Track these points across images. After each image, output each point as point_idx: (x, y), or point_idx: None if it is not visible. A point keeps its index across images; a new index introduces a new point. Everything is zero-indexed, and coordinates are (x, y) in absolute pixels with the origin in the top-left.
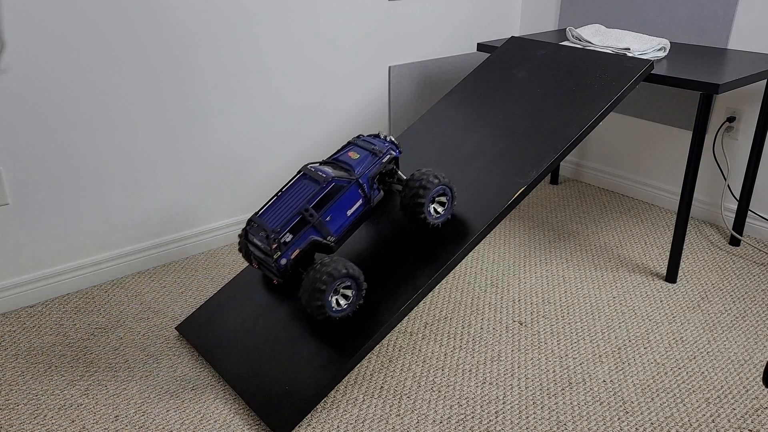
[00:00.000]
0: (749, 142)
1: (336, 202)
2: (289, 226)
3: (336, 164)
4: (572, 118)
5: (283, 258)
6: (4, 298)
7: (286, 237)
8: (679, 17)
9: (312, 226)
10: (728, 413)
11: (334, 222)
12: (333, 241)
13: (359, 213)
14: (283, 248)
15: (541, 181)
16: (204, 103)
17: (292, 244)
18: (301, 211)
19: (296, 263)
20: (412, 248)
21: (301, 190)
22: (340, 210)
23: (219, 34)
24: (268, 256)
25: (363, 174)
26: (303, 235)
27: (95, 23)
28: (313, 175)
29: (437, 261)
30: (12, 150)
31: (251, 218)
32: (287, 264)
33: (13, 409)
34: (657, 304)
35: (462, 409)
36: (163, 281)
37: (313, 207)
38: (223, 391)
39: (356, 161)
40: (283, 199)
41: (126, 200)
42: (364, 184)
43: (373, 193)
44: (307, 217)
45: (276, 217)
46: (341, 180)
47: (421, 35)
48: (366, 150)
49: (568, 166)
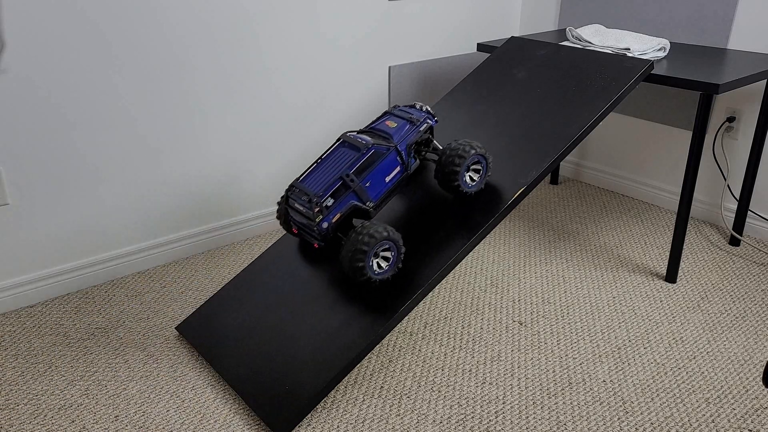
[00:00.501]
0: (749, 142)
1: (375, 169)
2: (331, 191)
3: (373, 133)
4: (572, 118)
5: (324, 221)
6: (4, 298)
7: (327, 201)
8: (679, 17)
9: (352, 191)
10: (728, 413)
11: (373, 188)
12: (372, 207)
13: (397, 180)
14: (324, 212)
15: (541, 181)
16: (204, 103)
17: (333, 208)
18: (342, 176)
19: (337, 227)
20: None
21: (341, 156)
22: (379, 176)
23: (219, 34)
24: (310, 219)
25: (401, 141)
26: (344, 200)
27: (95, 23)
28: (352, 142)
29: (437, 261)
30: (12, 150)
31: (292, 184)
32: (328, 227)
33: (13, 409)
34: (657, 304)
35: (462, 409)
36: (163, 281)
37: (353, 173)
38: (223, 391)
39: (394, 129)
40: (324, 165)
41: (126, 200)
42: (402, 152)
43: (410, 160)
44: (347, 182)
45: (317, 182)
46: (381, 147)
47: (421, 35)
48: (403, 119)
49: (568, 166)
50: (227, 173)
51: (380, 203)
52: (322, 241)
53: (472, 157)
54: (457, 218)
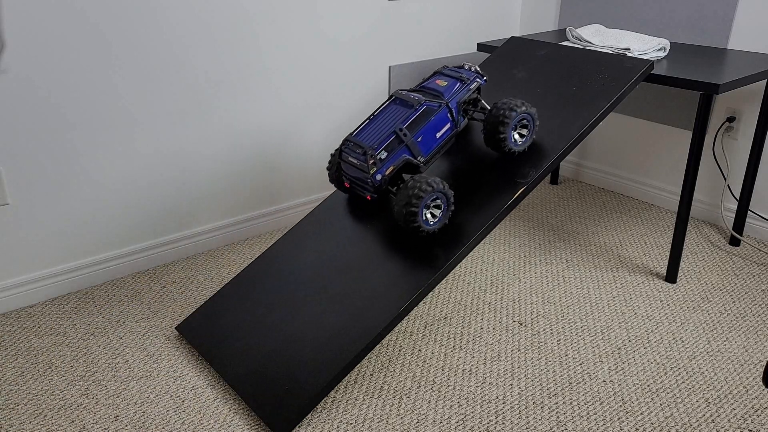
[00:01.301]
0: (749, 142)
1: (427, 124)
2: (384, 144)
3: (424, 91)
4: (572, 118)
5: (378, 174)
6: (4, 298)
7: (381, 154)
8: (679, 17)
9: (405, 146)
10: (728, 413)
11: (424, 143)
12: (422, 162)
13: (447, 136)
14: (378, 164)
15: (541, 181)
16: (203, 102)
17: (386, 161)
18: (396, 130)
19: (389, 180)
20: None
21: (393, 112)
22: (431, 132)
23: (219, 34)
24: (365, 172)
25: (452, 99)
26: (396, 154)
27: (95, 23)
28: (405, 99)
29: (436, 262)
30: (12, 150)
31: (347, 138)
32: (382, 179)
33: (13, 409)
34: (657, 304)
35: (462, 409)
36: (163, 281)
37: (405, 128)
38: (223, 391)
39: (444, 87)
40: (377, 121)
41: (126, 200)
42: (453, 109)
43: (459, 118)
44: (401, 137)
45: (371, 136)
46: (432, 104)
47: (421, 35)
48: (453, 78)
49: (568, 166)
50: (227, 173)
51: (430, 159)
52: (375, 193)
53: (519, 116)
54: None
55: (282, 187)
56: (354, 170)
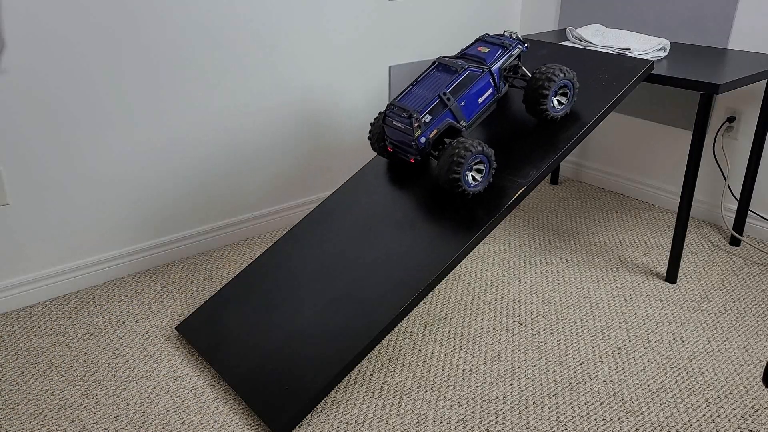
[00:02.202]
0: (749, 142)
1: (469, 89)
2: (429, 108)
3: (466, 57)
4: (572, 118)
5: (422, 137)
6: (4, 298)
7: (425, 117)
8: (679, 17)
9: (448, 110)
10: (728, 413)
11: (467, 108)
12: (465, 126)
13: (489, 101)
14: (423, 127)
15: (541, 181)
16: (204, 102)
17: (430, 124)
18: (440, 94)
19: (432, 143)
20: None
21: (437, 78)
22: (473, 97)
23: (219, 34)
24: (409, 135)
25: (494, 65)
26: (440, 117)
27: (96, 23)
28: (448, 64)
29: (436, 262)
30: (12, 150)
31: (391, 103)
32: (426, 142)
33: (13, 409)
34: (657, 304)
35: (462, 409)
36: (163, 281)
37: (449, 92)
38: (223, 391)
39: (487, 54)
40: (421, 86)
41: (126, 200)
42: (495, 74)
43: (501, 84)
44: (444, 101)
45: (416, 100)
46: (475, 69)
47: (421, 35)
48: (495, 44)
49: (568, 166)
50: (227, 173)
51: (472, 123)
52: (419, 156)
53: (560, 81)
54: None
55: (282, 187)
56: (398, 134)
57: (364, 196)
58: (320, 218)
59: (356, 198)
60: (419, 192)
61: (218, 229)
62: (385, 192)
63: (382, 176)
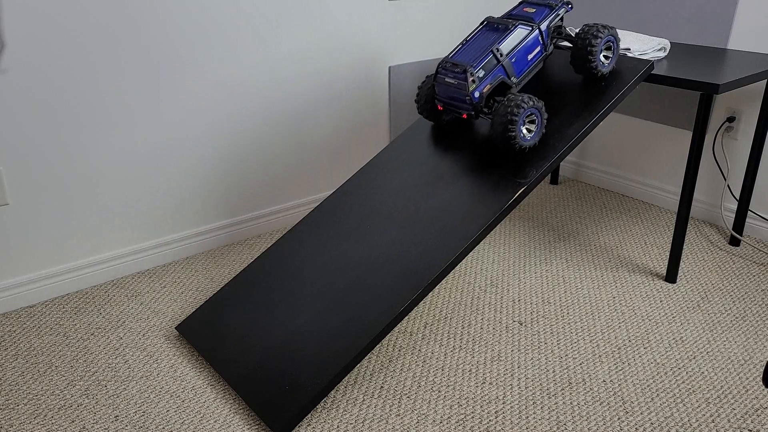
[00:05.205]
0: (749, 142)
1: (520, 46)
2: (482, 63)
3: (513, 18)
4: (572, 119)
5: (476, 91)
6: (4, 298)
7: (479, 72)
8: (679, 17)
9: (501, 65)
10: (728, 413)
11: (517, 64)
12: (515, 82)
13: (537, 59)
14: (477, 82)
15: (541, 181)
16: (204, 102)
17: (484, 79)
18: (492, 50)
19: (485, 99)
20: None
21: (487, 36)
22: (523, 53)
23: (219, 33)
24: (463, 90)
25: (542, 23)
26: (493, 73)
27: (96, 23)
28: (497, 23)
29: (435, 262)
30: (12, 150)
31: (444, 60)
32: (480, 97)
33: (13, 409)
34: (657, 304)
35: (462, 409)
36: (163, 281)
37: (501, 48)
38: (223, 391)
39: (534, 13)
40: (472, 44)
41: (126, 200)
42: (544, 33)
43: (548, 42)
44: (497, 56)
45: (469, 56)
46: (525, 26)
47: (421, 35)
48: (540, 5)
49: (568, 166)
50: (227, 173)
51: (522, 80)
52: (473, 111)
53: (606, 38)
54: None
55: (282, 187)
56: (451, 90)
57: (364, 195)
58: (320, 218)
59: (356, 197)
60: (419, 191)
61: (218, 229)
62: (385, 192)
63: (382, 176)
